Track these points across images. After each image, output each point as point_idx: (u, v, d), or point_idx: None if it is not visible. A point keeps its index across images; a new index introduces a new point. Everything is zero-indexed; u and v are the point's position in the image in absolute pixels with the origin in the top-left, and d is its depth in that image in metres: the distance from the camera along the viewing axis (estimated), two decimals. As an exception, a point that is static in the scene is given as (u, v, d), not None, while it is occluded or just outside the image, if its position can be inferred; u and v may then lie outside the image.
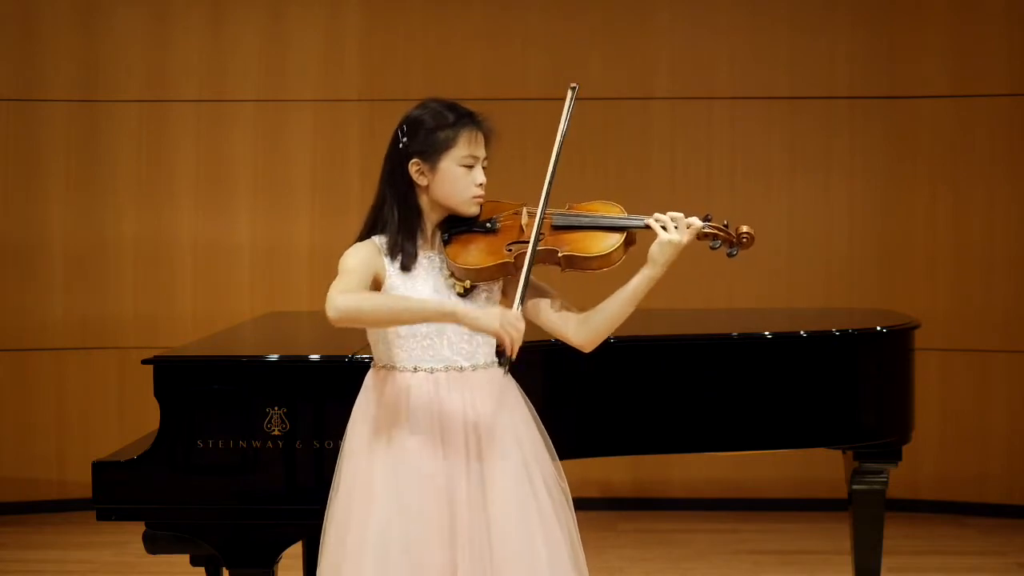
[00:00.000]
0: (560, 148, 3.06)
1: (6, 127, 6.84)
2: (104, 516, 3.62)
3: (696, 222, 3.02)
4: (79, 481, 6.18)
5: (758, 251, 6.80)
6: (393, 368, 3.04)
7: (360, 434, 3.06)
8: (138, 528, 3.65)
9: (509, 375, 3.09)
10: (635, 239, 3.07)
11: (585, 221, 3.07)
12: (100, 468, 3.60)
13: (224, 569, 3.74)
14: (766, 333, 4.20)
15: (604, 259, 3.03)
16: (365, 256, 3.03)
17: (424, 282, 3.03)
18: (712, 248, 3.07)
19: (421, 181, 3.03)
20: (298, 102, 6.95)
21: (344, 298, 2.90)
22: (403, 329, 3.00)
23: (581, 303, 3.18)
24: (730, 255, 3.08)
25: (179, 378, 3.60)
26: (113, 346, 6.88)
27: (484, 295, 3.08)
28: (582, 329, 3.09)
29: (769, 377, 4.10)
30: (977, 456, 6.82)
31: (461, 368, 3.04)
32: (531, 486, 3.03)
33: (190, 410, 3.58)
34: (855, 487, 4.34)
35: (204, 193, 6.94)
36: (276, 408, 3.56)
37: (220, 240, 6.94)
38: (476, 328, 2.91)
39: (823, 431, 4.20)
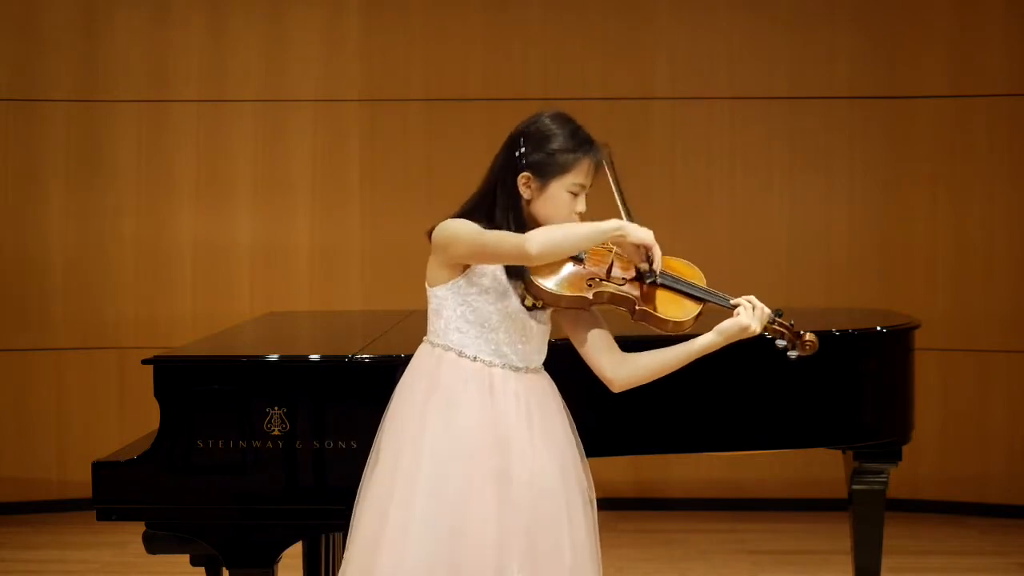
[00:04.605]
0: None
1: (6, 127, 6.84)
2: (104, 516, 3.61)
3: (768, 312, 3.04)
4: (79, 481, 6.17)
5: (758, 251, 6.91)
6: (450, 350, 3.03)
7: (412, 405, 3.04)
8: (138, 528, 3.65)
9: (549, 379, 3.12)
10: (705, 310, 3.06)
11: (676, 286, 3.06)
12: (100, 468, 3.59)
13: (224, 569, 3.74)
14: (766, 333, 4.19)
15: (677, 325, 3.03)
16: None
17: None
18: (776, 345, 3.07)
19: (525, 194, 3.02)
20: (298, 102, 6.95)
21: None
22: (471, 316, 3.01)
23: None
24: (789, 356, 3.06)
25: (179, 378, 3.60)
26: (113, 346, 6.88)
27: (546, 312, 3.08)
28: (620, 368, 3.09)
29: (769, 377, 4.09)
30: (977, 456, 6.82)
31: (516, 368, 3.05)
32: (566, 489, 3.04)
33: (190, 410, 3.58)
34: (855, 487, 4.34)
35: (204, 193, 6.94)
36: (276, 408, 3.56)
37: (220, 240, 6.93)
38: (636, 239, 2.92)
39: (823, 431, 4.19)
